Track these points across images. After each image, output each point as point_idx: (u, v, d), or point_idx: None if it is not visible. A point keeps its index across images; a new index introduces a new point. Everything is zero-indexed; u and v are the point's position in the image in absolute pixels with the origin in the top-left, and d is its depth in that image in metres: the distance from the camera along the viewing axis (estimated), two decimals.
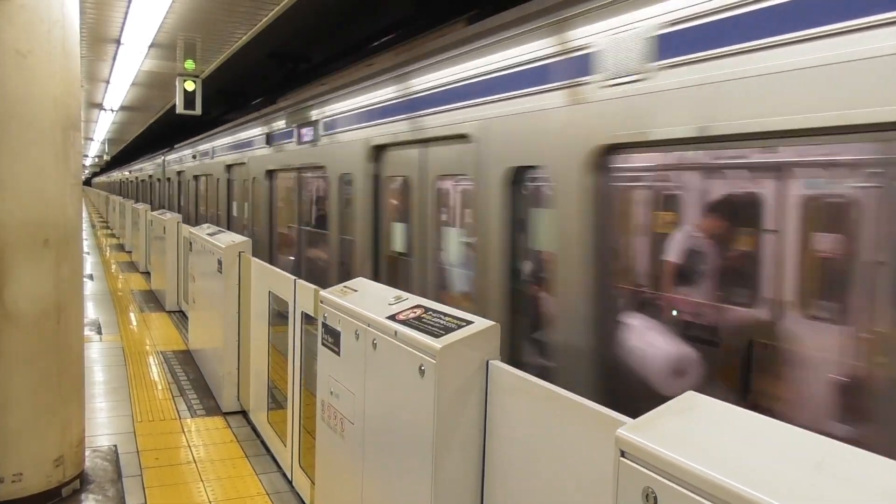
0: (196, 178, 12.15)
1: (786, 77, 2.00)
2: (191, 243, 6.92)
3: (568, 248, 2.83)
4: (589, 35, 2.72)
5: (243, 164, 8.62)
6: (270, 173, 7.63)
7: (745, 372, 2.86)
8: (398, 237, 4.77)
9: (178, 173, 13.97)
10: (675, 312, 3.23)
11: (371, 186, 4.94)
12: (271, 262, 6.69)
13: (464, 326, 2.33)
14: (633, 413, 1.57)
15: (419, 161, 4.34)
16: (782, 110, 2.01)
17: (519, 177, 3.24)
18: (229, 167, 9.50)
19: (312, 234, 6.93)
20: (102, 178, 44.99)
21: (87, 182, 61.15)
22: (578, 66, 2.78)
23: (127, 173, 28.61)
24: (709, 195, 3.35)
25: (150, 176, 18.19)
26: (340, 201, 5.57)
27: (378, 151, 4.86)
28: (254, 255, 5.25)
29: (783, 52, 2.02)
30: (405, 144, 4.46)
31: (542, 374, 2.40)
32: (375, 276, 4.96)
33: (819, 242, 2.87)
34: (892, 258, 2.08)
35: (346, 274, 5.31)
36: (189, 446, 4.74)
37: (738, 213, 3.24)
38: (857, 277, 2.45)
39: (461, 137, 3.64)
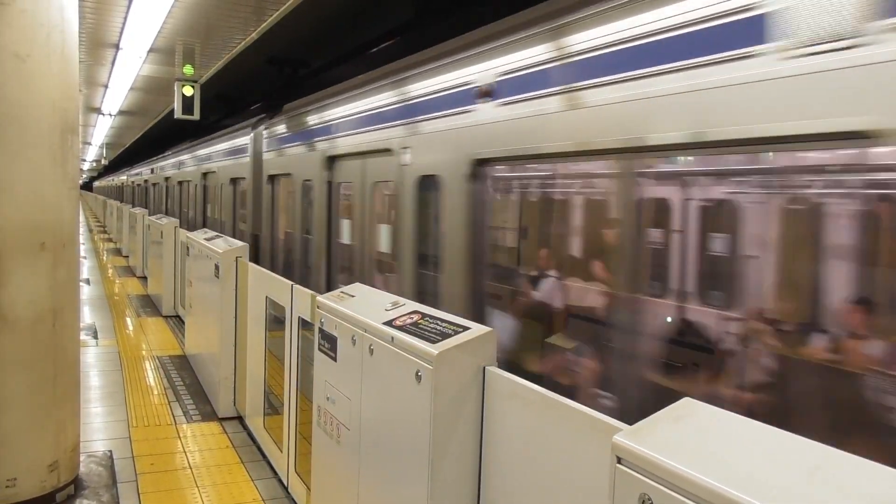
0: (180, 183, 14.20)
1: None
2: (188, 248, 6.92)
3: (452, 236, 3.78)
4: (472, 73, 3.64)
5: (214, 172, 10.51)
6: (234, 181, 9.36)
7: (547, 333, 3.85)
8: (345, 231, 5.81)
9: (166, 179, 16.20)
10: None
11: (326, 190, 5.98)
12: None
13: (460, 332, 2.33)
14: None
15: (360, 169, 5.35)
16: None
17: (425, 183, 4.16)
18: (204, 175, 11.35)
19: (273, 230, 7.91)
20: (103, 182, 44.95)
21: (88, 186, 61.02)
22: (464, 97, 3.71)
23: (124, 178, 28.81)
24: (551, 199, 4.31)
25: (146, 181, 20.48)
26: (303, 202, 6.62)
27: (332, 161, 5.90)
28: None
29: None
30: (351, 156, 5.48)
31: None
32: (328, 264, 5.98)
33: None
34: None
35: (303, 262, 6.57)
36: (185, 452, 4.72)
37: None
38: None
39: (387, 151, 4.63)
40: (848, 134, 1.83)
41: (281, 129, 7.33)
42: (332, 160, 5.82)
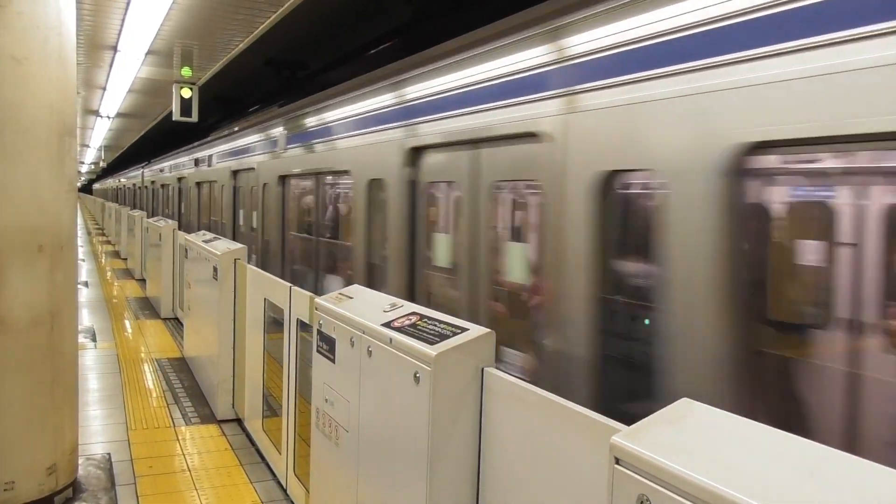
0: (164, 186, 16.45)
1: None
2: (186, 250, 6.91)
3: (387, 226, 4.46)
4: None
5: (184, 177, 13.40)
6: (199, 184, 11.85)
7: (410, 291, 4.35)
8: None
9: (152, 182, 18.60)
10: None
11: (281, 191, 7.03)
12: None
13: (459, 333, 2.33)
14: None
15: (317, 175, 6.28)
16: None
17: (375, 184, 4.71)
18: (180, 179, 13.93)
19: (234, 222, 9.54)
20: (104, 185, 44.98)
21: (88, 188, 60.85)
22: (380, 119, 4.55)
23: (123, 180, 28.98)
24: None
25: (135, 184, 23.02)
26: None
27: (283, 179, 6.98)
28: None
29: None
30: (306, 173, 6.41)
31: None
32: (282, 251, 6.91)
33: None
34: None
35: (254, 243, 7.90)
36: (183, 454, 4.71)
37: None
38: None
39: (346, 171, 5.30)
40: None
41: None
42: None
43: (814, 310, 2.25)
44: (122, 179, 29.12)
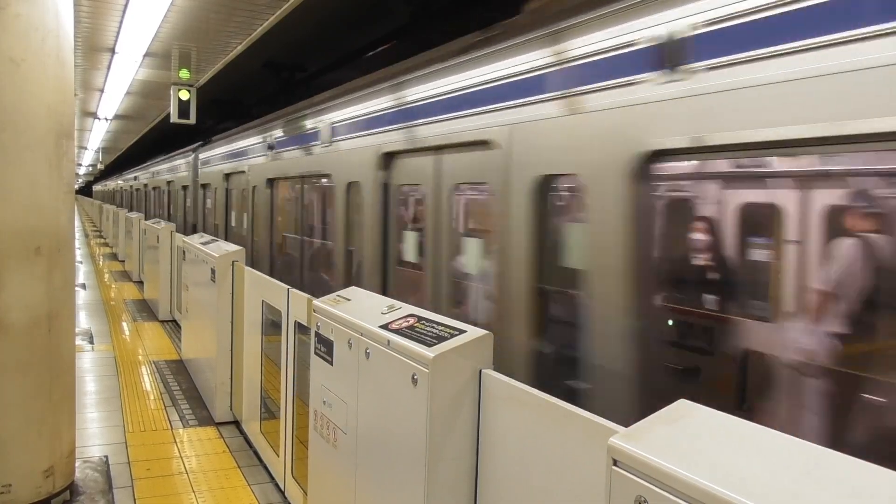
0: (154, 188, 17.70)
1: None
2: (184, 252, 6.90)
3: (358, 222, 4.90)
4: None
5: (172, 181, 14.45)
6: (184, 187, 13.02)
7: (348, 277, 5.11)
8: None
9: (144, 185, 19.65)
10: None
11: (269, 194, 7.44)
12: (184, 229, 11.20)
13: (457, 336, 2.33)
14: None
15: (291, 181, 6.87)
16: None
17: (353, 187, 5.02)
18: (169, 182, 14.86)
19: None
20: (104, 186, 44.86)
21: (87, 190, 60.66)
22: (357, 127, 4.99)
23: (120, 182, 29.12)
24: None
25: (131, 186, 23.91)
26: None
27: (271, 182, 7.45)
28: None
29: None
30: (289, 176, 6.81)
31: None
32: (271, 250, 7.33)
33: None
34: None
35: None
36: (181, 457, 4.70)
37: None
38: None
39: (328, 174, 5.60)
40: None
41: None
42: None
43: (695, 283, 3.13)
44: (120, 182, 29.24)
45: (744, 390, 3.13)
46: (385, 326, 2.62)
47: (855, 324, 2.90)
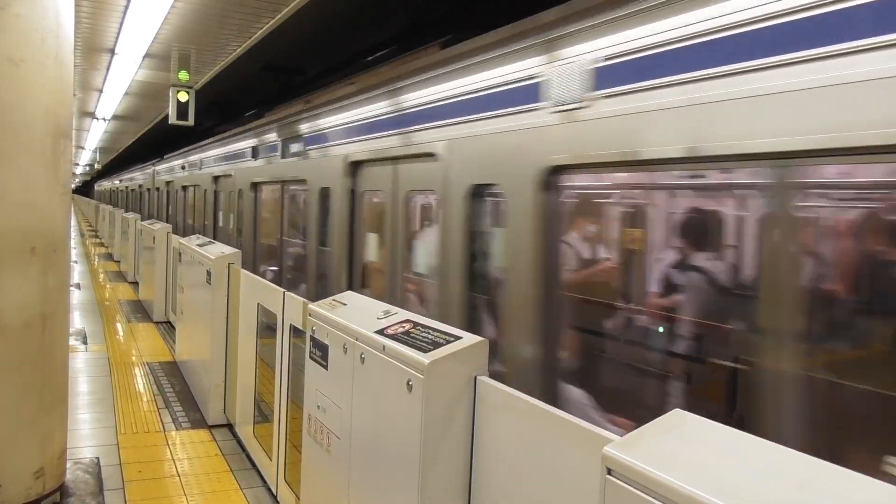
0: (148, 190, 18.87)
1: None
2: (180, 254, 6.89)
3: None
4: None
5: (171, 181, 15.24)
6: (185, 188, 13.41)
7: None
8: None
9: (140, 186, 21.12)
10: None
11: (253, 196, 8.12)
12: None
13: (452, 342, 2.33)
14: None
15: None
16: None
17: (324, 192, 5.56)
18: (168, 183, 15.85)
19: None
20: (100, 188, 44.59)
21: (84, 190, 60.42)
22: (329, 137, 5.57)
23: (117, 182, 29.29)
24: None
25: (126, 187, 25.32)
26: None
27: (255, 185, 8.08)
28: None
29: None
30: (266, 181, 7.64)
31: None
32: (254, 248, 7.94)
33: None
34: None
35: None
36: (173, 459, 4.68)
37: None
38: None
39: (304, 179, 6.13)
40: None
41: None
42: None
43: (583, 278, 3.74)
44: (117, 182, 29.44)
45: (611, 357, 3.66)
46: (381, 331, 2.62)
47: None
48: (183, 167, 11.63)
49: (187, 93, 10.07)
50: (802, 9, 1.99)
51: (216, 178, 10.09)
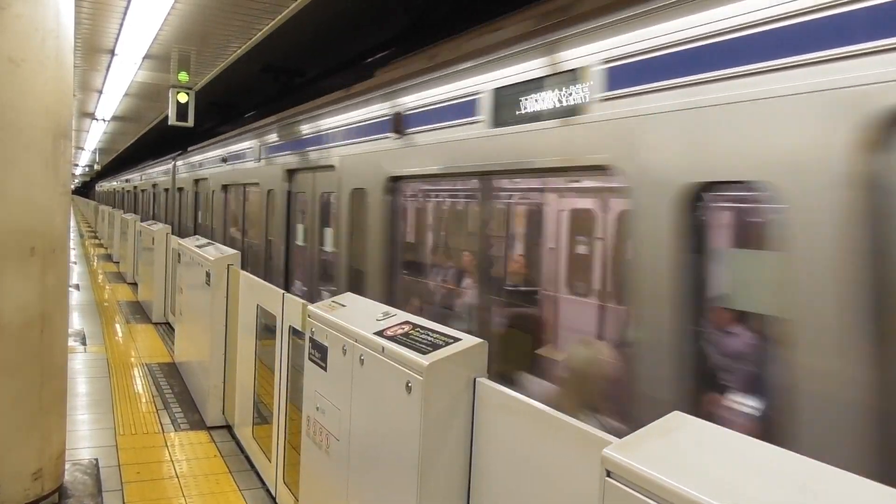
0: (143, 191, 20.26)
1: None
2: (179, 255, 6.89)
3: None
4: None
5: (157, 183, 16.99)
6: (169, 190, 15.06)
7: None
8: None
9: (135, 187, 22.37)
10: None
11: (223, 197, 9.75)
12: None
13: (451, 343, 2.32)
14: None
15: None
16: None
17: (270, 193, 7.24)
18: (155, 185, 17.57)
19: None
20: (106, 187, 43.96)
21: (84, 191, 60.29)
22: (274, 149, 7.36)
23: (115, 183, 29.37)
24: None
25: (123, 188, 26.57)
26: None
27: (225, 187, 9.72)
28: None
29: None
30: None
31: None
32: (223, 241, 8.74)
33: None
34: None
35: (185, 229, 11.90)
36: (172, 461, 4.67)
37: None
38: None
39: (257, 182, 7.90)
40: None
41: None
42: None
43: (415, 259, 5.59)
44: (115, 183, 29.54)
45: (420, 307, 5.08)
46: (380, 333, 2.62)
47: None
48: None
49: (187, 94, 10.06)
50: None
51: (196, 182, 11.64)
